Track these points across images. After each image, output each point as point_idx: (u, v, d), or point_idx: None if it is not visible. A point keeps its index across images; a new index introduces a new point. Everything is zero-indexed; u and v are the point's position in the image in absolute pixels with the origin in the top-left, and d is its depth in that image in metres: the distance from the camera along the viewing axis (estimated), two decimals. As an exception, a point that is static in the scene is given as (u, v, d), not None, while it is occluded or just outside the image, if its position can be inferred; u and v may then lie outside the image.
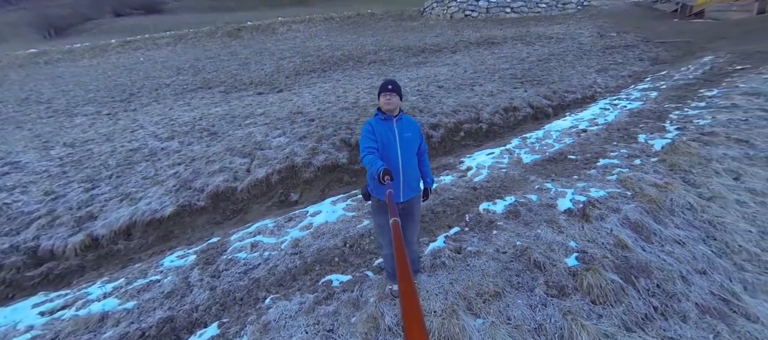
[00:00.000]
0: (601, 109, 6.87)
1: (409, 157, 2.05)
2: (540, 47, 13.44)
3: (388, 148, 1.97)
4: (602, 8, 21.71)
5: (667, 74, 9.54)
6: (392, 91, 1.97)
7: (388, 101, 1.97)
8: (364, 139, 1.95)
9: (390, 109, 1.98)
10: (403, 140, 2.01)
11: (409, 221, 2.20)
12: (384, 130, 1.98)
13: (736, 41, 12.34)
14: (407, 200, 2.11)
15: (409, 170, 2.05)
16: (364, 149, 1.90)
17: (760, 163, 4.24)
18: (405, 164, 2.02)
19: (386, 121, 2.01)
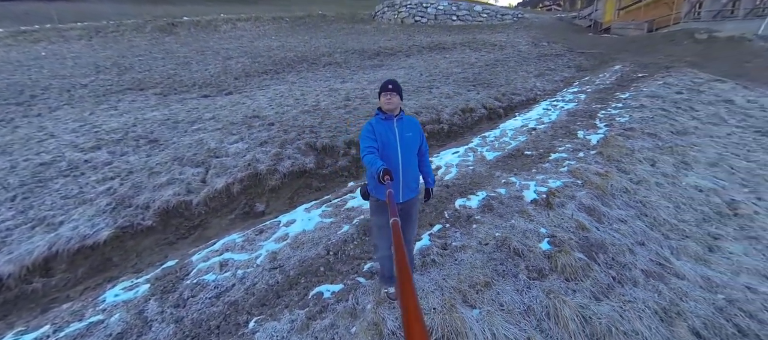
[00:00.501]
0: (544, 110, 7.66)
1: (409, 157, 2.03)
2: (486, 53, 14.55)
3: (388, 148, 1.95)
4: (533, 21, 24.37)
5: (590, 80, 11.06)
6: (392, 91, 1.94)
7: (388, 101, 1.94)
8: (365, 138, 1.92)
9: (390, 108, 1.96)
10: (404, 140, 1.99)
11: (407, 222, 2.18)
12: (384, 129, 1.96)
13: (635, 53, 14.85)
14: (406, 200, 2.08)
15: (408, 171, 2.03)
16: (364, 149, 1.87)
17: (667, 152, 5.13)
18: (405, 165, 1.99)
19: (387, 121, 1.98)
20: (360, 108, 7.10)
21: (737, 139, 6.09)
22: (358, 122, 6.24)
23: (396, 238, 0.81)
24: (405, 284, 0.56)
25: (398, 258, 0.68)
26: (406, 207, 2.12)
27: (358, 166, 5.29)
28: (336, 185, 4.69)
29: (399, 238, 0.80)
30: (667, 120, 6.27)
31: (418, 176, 2.17)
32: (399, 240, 0.78)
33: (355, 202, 3.78)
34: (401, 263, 0.65)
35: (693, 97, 7.97)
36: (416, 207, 2.23)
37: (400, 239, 0.80)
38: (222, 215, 4.00)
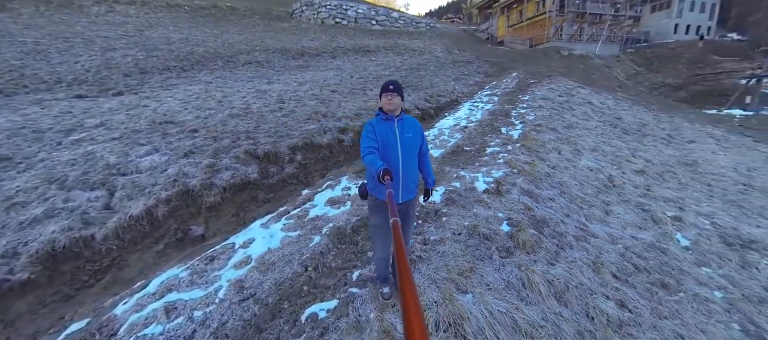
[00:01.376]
0: (469, 110, 8.58)
1: (409, 158, 2.02)
2: (408, 58, 15.46)
3: (388, 148, 1.93)
4: (443, 31, 27.07)
5: (497, 84, 12.91)
6: (393, 92, 1.93)
7: (389, 101, 1.93)
8: (365, 138, 1.91)
9: (391, 109, 1.95)
10: (404, 141, 1.98)
11: (405, 223, 2.16)
12: (385, 130, 1.94)
13: (524, 63, 18.06)
14: (404, 201, 2.07)
15: (408, 171, 2.02)
16: (364, 149, 1.86)
17: (565, 142, 6.38)
18: (405, 165, 1.98)
19: (387, 122, 1.97)
20: (298, 111, 6.64)
21: (601, 131, 8.01)
22: (298, 126, 5.82)
23: (396, 238, 0.81)
24: (406, 284, 0.56)
25: (399, 258, 0.68)
26: (404, 208, 2.11)
27: (306, 173, 4.93)
28: (286, 195, 4.26)
29: (399, 238, 0.80)
30: (559, 117, 7.81)
31: (417, 177, 2.15)
32: (399, 240, 0.78)
33: (317, 210, 3.50)
34: (402, 263, 0.65)
35: (570, 99, 10.13)
36: (414, 208, 2.22)
37: (401, 238, 0.80)
38: (144, 248, 3.18)
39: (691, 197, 5.28)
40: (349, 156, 5.69)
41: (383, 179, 1.55)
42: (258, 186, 4.29)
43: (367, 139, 1.92)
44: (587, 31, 23.29)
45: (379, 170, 1.60)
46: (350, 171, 4.75)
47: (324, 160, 5.33)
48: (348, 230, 3.10)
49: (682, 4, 26.93)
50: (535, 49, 21.94)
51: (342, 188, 4.06)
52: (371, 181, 2.02)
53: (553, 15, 21.83)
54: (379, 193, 2.00)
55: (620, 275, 3.05)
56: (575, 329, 2.28)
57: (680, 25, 27.46)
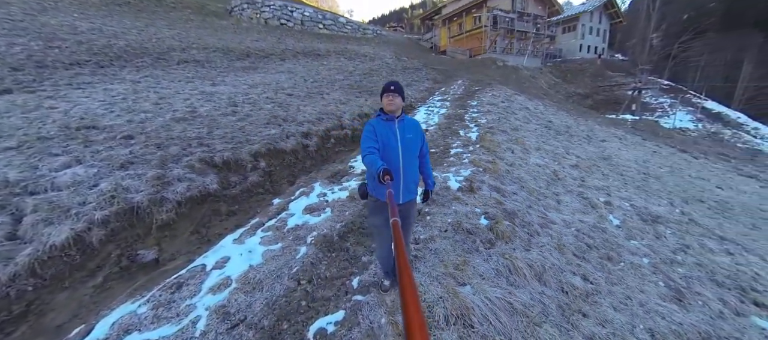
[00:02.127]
0: (426, 114, 8.92)
1: (410, 158, 2.01)
2: (360, 63, 15.50)
3: (389, 148, 1.93)
4: (390, 38, 27.86)
5: (446, 90, 13.71)
6: (394, 92, 1.94)
7: (390, 102, 1.94)
8: (366, 139, 1.90)
9: (392, 109, 1.95)
10: (405, 141, 1.98)
11: (405, 224, 2.14)
12: (385, 130, 1.94)
13: (467, 72, 19.58)
14: (405, 202, 2.05)
15: (409, 172, 2.01)
16: (365, 149, 1.85)
17: (514, 142, 7.05)
18: (405, 166, 1.98)
19: (388, 122, 1.97)
20: (254, 115, 6.12)
21: (540, 132, 9.07)
22: (257, 131, 5.36)
23: (397, 238, 0.81)
24: (406, 283, 0.56)
25: (399, 258, 0.67)
26: (405, 209, 2.09)
27: (272, 181, 4.54)
28: (254, 206, 3.87)
29: (400, 238, 0.81)
30: (506, 120, 8.63)
31: (418, 178, 2.14)
32: (400, 240, 0.79)
33: (296, 219, 3.24)
34: (402, 262, 0.65)
35: (511, 105, 11.28)
36: (415, 209, 2.20)
37: (401, 238, 0.81)
38: (75, 283, 2.56)
39: (613, 185, 6.29)
40: (315, 162, 5.43)
41: (383, 179, 1.54)
42: (219, 198, 3.81)
43: (367, 139, 1.91)
44: (516, 45, 26.35)
45: (379, 170, 1.59)
46: (321, 177, 4.53)
47: (290, 166, 4.99)
48: (335, 238, 2.93)
49: (583, 28, 32.27)
50: (474, 59, 23.97)
51: (317, 195, 3.84)
52: (372, 181, 2.01)
53: (488, 30, 24.19)
54: (379, 193, 1.99)
55: (578, 253, 3.46)
56: (556, 304, 2.52)
57: (584, 45, 32.83)
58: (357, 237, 2.99)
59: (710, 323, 2.93)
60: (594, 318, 2.53)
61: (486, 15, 24.01)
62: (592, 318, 2.53)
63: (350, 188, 4.06)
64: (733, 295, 3.54)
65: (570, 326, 2.36)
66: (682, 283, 3.45)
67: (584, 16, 31.83)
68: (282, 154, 5.01)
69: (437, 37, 29.47)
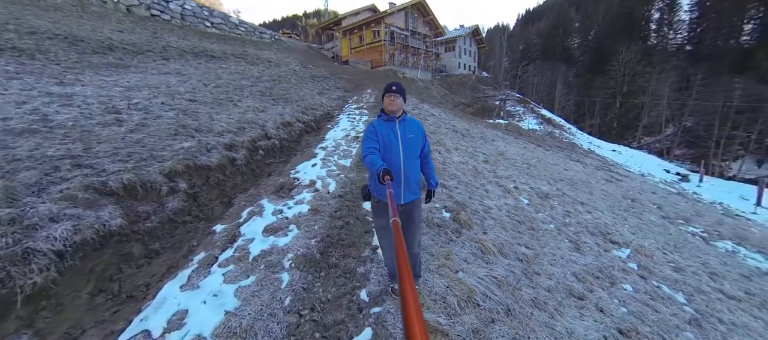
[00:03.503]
0: (349, 122, 8.94)
1: (411, 158, 2.02)
2: (265, 69, 14.26)
3: (390, 149, 1.95)
4: (291, 45, 26.62)
5: (358, 99, 14.06)
6: (396, 93, 1.95)
7: (391, 102, 1.95)
8: (367, 140, 1.92)
9: (393, 110, 1.97)
10: (406, 142, 1.99)
11: (410, 225, 2.13)
12: (386, 131, 1.96)
13: (373, 82, 20.58)
14: (407, 202, 2.06)
15: (410, 172, 2.02)
16: (365, 150, 1.86)
17: (436, 143, 7.86)
18: (407, 166, 1.98)
19: (389, 123, 1.99)
20: (152, 124, 4.84)
21: (451, 135, 10.37)
22: (164, 144, 4.27)
23: (397, 237, 0.79)
24: (405, 283, 0.56)
25: (399, 257, 0.67)
26: (408, 209, 2.09)
27: (200, 205, 3.69)
28: (183, 239, 3.06)
29: (399, 237, 0.79)
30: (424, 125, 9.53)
31: (420, 178, 2.16)
32: (399, 239, 0.77)
33: (259, 245, 2.74)
34: (401, 262, 0.64)
35: (420, 112, 12.50)
36: (419, 209, 2.19)
37: (401, 238, 0.79)
38: None
39: (513, 174, 7.79)
40: (246, 177, 4.70)
41: (383, 179, 1.53)
42: (127, 237, 2.85)
43: (368, 140, 1.91)
44: (411, 59, 29.38)
45: (378, 169, 1.59)
46: (265, 193, 3.96)
47: (218, 185, 4.16)
48: (317, 255, 2.63)
49: (460, 49, 38.85)
50: (376, 70, 25.43)
51: (272, 213, 3.35)
52: (373, 182, 2.00)
53: (387, 43, 26.15)
54: (381, 194, 1.99)
55: (515, 229, 4.16)
56: (520, 270, 3.03)
57: (461, 62, 39.47)
58: (341, 250, 2.78)
59: (597, 260, 4.00)
60: (544, 274, 3.11)
61: (384, 30, 25.93)
62: (543, 275, 3.10)
63: (307, 200, 3.71)
64: (601, 239, 4.93)
65: (534, 284, 2.86)
66: (575, 237, 4.59)
67: (460, 39, 38.34)
68: (206, 171, 4.13)
69: (339, 48, 29.95)
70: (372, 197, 2.05)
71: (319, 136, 7.41)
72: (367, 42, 27.70)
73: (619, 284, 3.59)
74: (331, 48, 30.94)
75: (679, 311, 3.47)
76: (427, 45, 31.69)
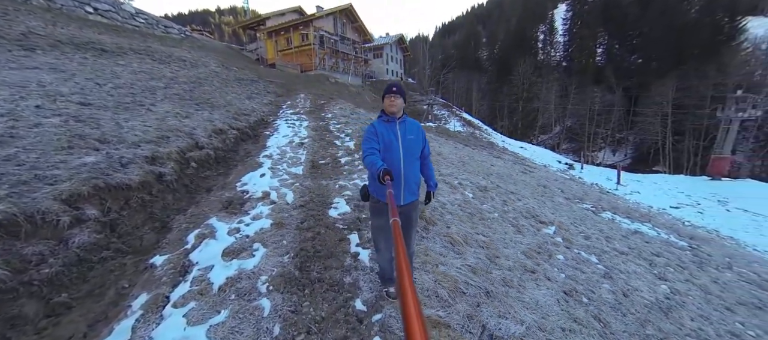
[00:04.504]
0: (289, 128, 8.39)
1: (411, 159, 2.02)
2: (180, 69, 12.34)
3: (390, 149, 1.95)
4: (206, 43, 23.66)
5: (293, 104, 13.34)
6: (396, 94, 1.95)
7: (392, 103, 1.94)
8: (367, 140, 1.91)
9: (393, 111, 1.96)
10: (406, 142, 1.99)
11: (408, 226, 2.13)
12: (387, 131, 1.96)
13: (305, 87, 19.78)
14: (407, 203, 2.06)
15: (410, 173, 2.03)
16: (365, 150, 1.86)
17: (380, 149, 7.99)
18: (407, 167, 1.99)
19: (389, 124, 1.98)
20: (27, 135, 3.68)
21: (390, 139, 10.63)
22: (54, 161, 3.29)
23: (396, 238, 0.79)
24: (405, 283, 0.56)
25: (398, 258, 0.67)
26: (407, 210, 2.09)
27: (121, 234, 2.94)
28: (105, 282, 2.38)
29: (399, 238, 0.79)
30: (361, 127, 9.55)
31: (419, 180, 2.16)
32: (399, 240, 0.77)
33: (222, 272, 2.30)
34: (401, 263, 0.64)
35: (359, 116, 12.53)
36: (417, 211, 2.21)
37: (401, 238, 0.78)
38: None
39: (454, 171, 8.43)
40: (179, 196, 3.96)
41: (383, 179, 1.54)
42: (13, 292, 2.09)
43: (368, 140, 1.91)
44: (342, 64, 29.26)
45: (378, 170, 1.59)
46: (208, 211, 3.40)
47: (144, 207, 3.39)
48: (295, 272, 2.37)
49: (387, 56, 40.45)
50: (307, 74, 24.55)
51: (228, 232, 2.89)
52: (372, 182, 2.00)
53: (316, 47, 25.47)
54: (380, 194, 1.98)
55: (470, 220, 4.50)
56: (485, 255, 3.30)
57: (389, 69, 41.10)
58: (319, 262, 2.57)
59: (534, 238, 4.62)
60: (502, 257, 3.45)
61: (313, 34, 25.23)
62: (501, 257, 3.44)
63: (266, 214, 3.32)
64: (533, 221, 5.70)
65: (499, 266, 3.16)
66: (515, 222, 5.21)
67: (386, 46, 39.92)
68: (124, 191, 3.32)
69: (263, 49, 27.93)
70: (371, 198, 2.03)
71: (259, 144, 6.74)
72: (296, 45, 26.54)
73: (554, 255, 4.21)
74: (255, 49, 28.64)
75: (595, 269, 4.25)
76: (356, 51, 32.05)
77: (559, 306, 2.84)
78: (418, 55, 50.71)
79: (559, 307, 2.83)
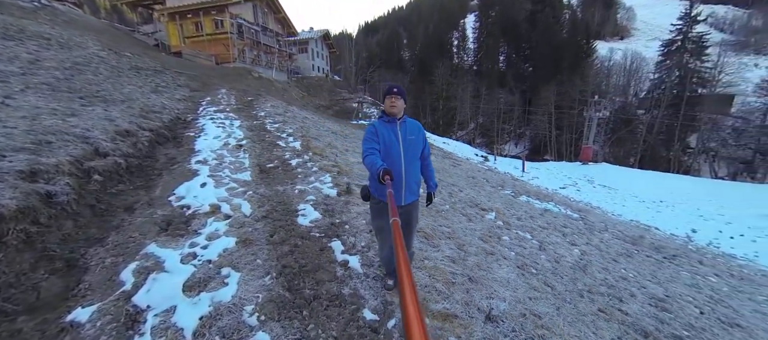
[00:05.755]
0: (219, 128, 7.26)
1: (411, 160, 2.02)
2: (43, 49, 9.38)
3: (390, 150, 1.95)
4: (73, 17, 18.54)
5: (213, 100, 11.63)
6: (397, 95, 1.95)
7: (392, 104, 1.94)
8: (367, 141, 1.91)
9: (394, 112, 1.96)
10: (407, 143, 1.99)
11: (408, 226, 2.14)
12: (387, 132, 1.96)
13: (224, 81, 17.45)
14: (407, 203, 2.06)
15: (411, 173, 2.03)
16: (365, 150, 1.87)
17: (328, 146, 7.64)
18: (407, 167, 1.99)
19: (390, 124, 1.98)
20: None
21: (331, 137, 10.28)
22: None
23: (396, 237, 0.80)
24: (405, 283, 0.56)
25: (399, 258, 0.67)
26: (407, 210, 2.09)
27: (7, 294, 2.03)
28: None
29: (399, 238, 0.79)
30: (305, 129, 8.99)
31: (419, 180, 2.15)
32: (399, 240, 0.77)
33: (190, 311, 1.80)
34: (401, 262, 0.65)
35: (295, 115, 11.73)
36: (417, 211, 2.21)
37: (401, 238, 0.79)
38: None
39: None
40: (85, 220, 2.99)
41: (383, 179, 1.55)
42: None
43: (368, 141, 1.91)
44: (265, 58, 26.85)
45: (378, 170, 1.60)
46: (141, 236, 2.66)
47: (30, 243, 2.43)
48: (286, 294, 2.06)
49: (312, 51, 38.93)
50: (224, 67, 21.74)
51: (182, 260, 2.30)
52: (373, 182, 1.99)
53: (234, 37, 22.70)
54: (381, 194, 1.99)
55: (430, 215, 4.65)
56: (455, 246, 3.50)
57: (314, 65, 39.63)
58: (309, 277, 2.29)
59: (483, 224, 5.10)
60: (466, 244, 3.71)
61: (230, 21, 22.39)
62: (466, 244, 3.70)
63: (223, 231, 2.78)
64: (477, 209, 6.27)
65: (468, 253, 3.40)
66: (464, 212, 5.63)
67: (312, 41, 38.36)
68: (-3, 222, 2.33)
69: (164, 34, 23.54)
70: (372, 198, 2.04)
71: (185, 148, 5.65)
72: (208, 32, 23.14)
73: (501, 237, 4.71)
74: (153, 33, 23.89)
75: (532, 244, 4.92)
76: (280, 44, 29.88)
77: (519, 280, 3.18)
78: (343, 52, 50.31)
79: (520, 280, 3.17)
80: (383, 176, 1.55)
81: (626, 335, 2.75)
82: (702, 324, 3.53)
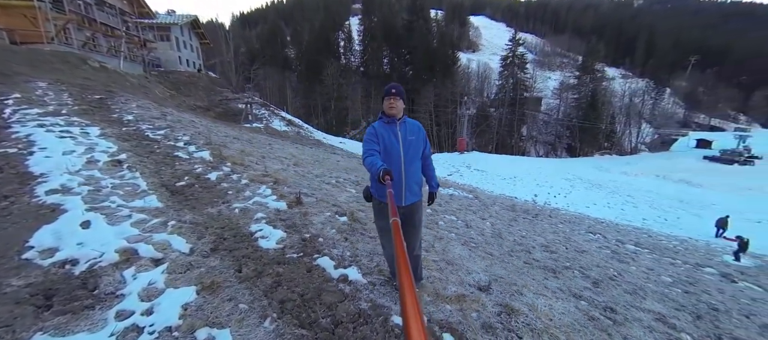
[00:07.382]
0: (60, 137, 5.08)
1: (412, 160, 2.04)
2: None
3: (391, 151, 1.96)
4: None
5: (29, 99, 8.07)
6: (396, 96, 1.94)
7: (391, 105, 1.94)
8: (367, 142, 1.92)
9: (393, 113, 1.96)
10: (407, 144, 2.01)
11: (411, 227, 2.14)
12: (387, 133, 1.96)
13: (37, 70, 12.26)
14: (409, 204, 2.08)
15: (411, 174, 2.04)
16: (365, 151, 1.88)
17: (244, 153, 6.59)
18: (408, 168, 2.02)
19: (390, 125, 1.99)
20: None
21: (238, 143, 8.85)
22: None
23: (396, 237, 0.79)
24: (405, 283, 0.56)
25: (398, 258, 0.67)
26: (409, 211, 2.10)
27: None
28: None
29: (399, 237, 0.78)
30: (202, 135, 7.42)
31: (421, 181, 2.15)
32: (399, 240, 0.76)
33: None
34: (401, 262, 0.64)
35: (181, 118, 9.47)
36: (420, 212, 2.18)
37: (401, 238, 0.78)
38: None
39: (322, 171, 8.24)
40: None
41: (383, 179, 1.55)
42: None
43: (368, 142, 1.91)
44: (105, 43, 20.28)
45: (378, 170, 1.60)
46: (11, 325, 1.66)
47: None
48: (301, 332, 1.73)
49: (177, 40, 32.01)
50: (34, 49, 15.20)
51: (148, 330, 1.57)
52: (374, 183, 1.98)
53: (47, 8, 16.08)
54: (382, 195, 1.98)
55: None
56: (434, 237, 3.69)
57: (182, 57, 32.74)
58: (316, 304, 2.00)
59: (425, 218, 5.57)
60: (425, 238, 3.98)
61: (37, -14, 15.72)
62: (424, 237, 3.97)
63: (165, 281, 2.06)
64: None
65: (426, 242, 3.67)
66: None
67: (175, 28, 31.44)
68: None
69: None
70: (373, 199, 2.04)
71: (10, 173, 3.72)
72: (-8, -3, 15.60)
73: (438, 222, 5.22)
74: None
75: (457, 224, 5.68)
76: (128, 26, 23.23)
77: (472, 254, 3.65)
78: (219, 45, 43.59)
79: (473, 254, 3.64)
80: (383, 176, 1.54)
81: (543, 274, 3.55)
82: (571, 255, 4.93)
